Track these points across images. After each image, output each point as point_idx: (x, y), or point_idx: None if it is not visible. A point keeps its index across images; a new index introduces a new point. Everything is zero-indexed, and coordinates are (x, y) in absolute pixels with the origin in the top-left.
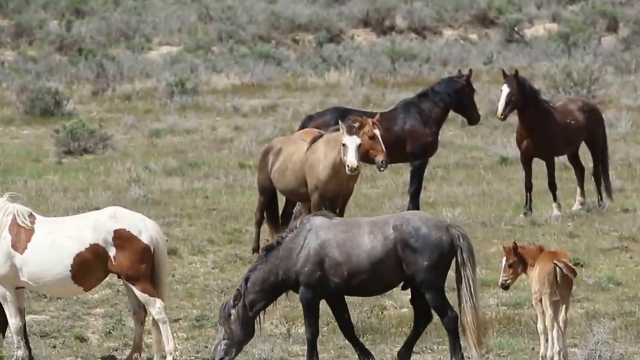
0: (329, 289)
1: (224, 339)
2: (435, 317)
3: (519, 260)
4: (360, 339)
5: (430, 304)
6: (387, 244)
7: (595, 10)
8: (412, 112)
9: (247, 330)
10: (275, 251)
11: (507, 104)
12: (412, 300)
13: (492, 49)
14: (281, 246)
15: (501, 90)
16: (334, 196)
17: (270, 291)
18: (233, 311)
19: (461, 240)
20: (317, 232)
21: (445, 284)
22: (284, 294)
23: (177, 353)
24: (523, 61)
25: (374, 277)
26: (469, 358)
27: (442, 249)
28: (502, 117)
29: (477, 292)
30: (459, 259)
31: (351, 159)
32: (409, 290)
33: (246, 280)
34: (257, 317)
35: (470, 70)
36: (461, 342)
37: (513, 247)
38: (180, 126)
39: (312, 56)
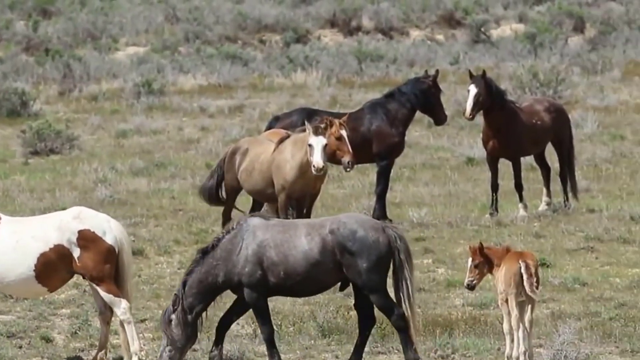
0: (269, 288)
1: (167, 345)
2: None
3: (484, 261)
4: (326, 339)
5: (375, 305)
6: (324, 246)
7: (561, 10)
8: (378, 112)
9: (189, 334)
10: (212, 253)
11: (474, 104)
12: (355, 305)
13: (459, 49)
14: (218, 248)
15: (468, 91)
16: (301, 196)
17: (208, 293)
18: (173, 316)
19: (398, 241)
20: (254, 233)
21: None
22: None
23: (142, 353)
24: (489, 62)
25: (310, 278)
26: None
27: (379, 250)
28: (470, 117)
29: (415, 293)
30: (396, 260)
31: (317, 159)
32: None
33: (184, 284)
34: (199, 320)
35: (437, 71)
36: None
37: (479, 247)
38: (147, 127)
39: (278, 57)
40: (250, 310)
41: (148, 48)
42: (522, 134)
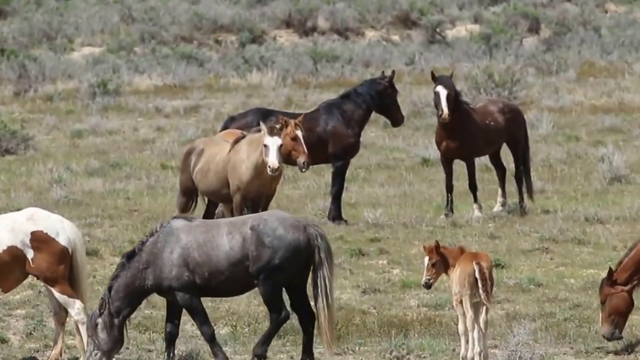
0: (198, 289)
1: (93, 349)
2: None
3: (441, 260)
4: (281, 340)
5: (264, 300)
6: (244, 244)
7: (516, 11)
8: (334, 113)
9: (115, 338)
10: (138, 257)
11: (449, 104)
12: (291, 305)
13: (414, 50)
14: (143, 252)
15: (438, 92)
16: (257, 197)
17: (135, 297)
18: (99, 320)
19: (319, 239)
20: (178, 235)
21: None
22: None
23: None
24: (445, 62)
25: (233, 278)
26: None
27: (298, 248)
28: (449, 119)
29: (333, 292)
30: (315, 259)
31: (272, 160)
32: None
33: (109, 288)
34: (125, 325)
35: (393, 72)
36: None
37: (435, 246)
38: (102, 127)
39: (234, 57)
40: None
41: (104, 48)
42: (476, 134)
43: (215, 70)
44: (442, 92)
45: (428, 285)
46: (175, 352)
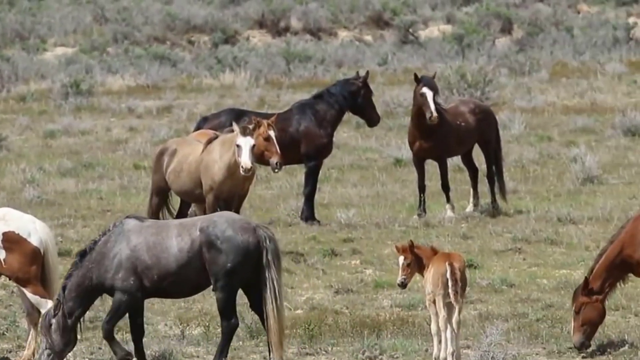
0: (143, 292)
1: (46, 349)
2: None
3: (415, 259)
4: (254, 341)
5: (218, 305)
6: (194, 246)
7: (489, 11)
8: (307, 113)
9: (67, 338)
10: (89, 256)
11: (435, 105)
12: (251, 306)
13: (387, 50)
14: (94, 250)
15: (424, 94)
16: (229, 197)
17: (86, 296)
18: (53, 320)
19: (267, 242)
20: (128, 236)
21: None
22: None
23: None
24: (417, 62)
25: (183, 280)
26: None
27: (247, 250)
28: (437, 119)
29: (282, 294)
30: (264, 261)
31: (245, 160)
32: (304, 291)
33: (63, 288)
34: (78, 325)
35: (367, 72)
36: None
37: (409, 246)
38: (75, 127)
39: (207, 57)
40: (179, 311)
41: (76, 49)
42: (448, 135)
43: (188, 70)
44: (429, 93)
45: (403, 285)
46: (148, 352)
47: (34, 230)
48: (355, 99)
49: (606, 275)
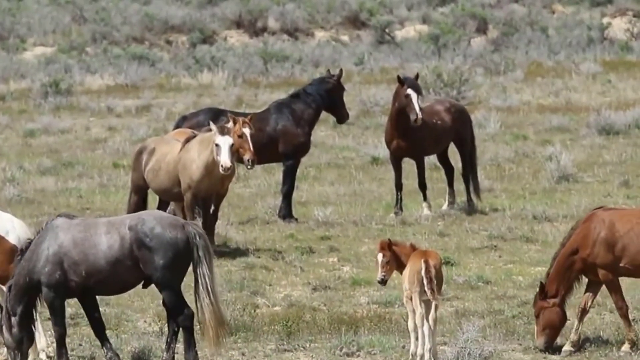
0: (70, 288)
1: (7, 347)
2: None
3: (394, 257)
4: (233, 337)
5: (165, 302)
6: (123, 244)
7: (465, 12)
8: (284, 112)
9: (19, 335)
10: (25, 254)
11: (420, 106)
12: (163, 303)
13: (364, 50)
14: (29, 249)
15: (409, 95)
16: (207, 195)
17: (25, 294)
18: (3, 321)
19: (197, 238)
20: (57, 233)
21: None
22: None
23: (49, 350)
24: (394, 62)
25: (112, 277)
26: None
27: (177, 247)
28: (421, 120)
29: (216, 289)
30: (194, 257)
31: (225, 159)
32: (282, 288)
33: (9, 287)
34: (29, 321)
35: (341, 70)
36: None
37: (387, 243)
38: (55, 126)
39: (185, 57)
40: (157, 308)
41: (55, 48)
42: (424, 134)
43: (166, 70)
44: (414, 95)
45: (383, 282)
46: (128, 348)
47: (12, 228)
48: (331, 97)
49: (560, 279)
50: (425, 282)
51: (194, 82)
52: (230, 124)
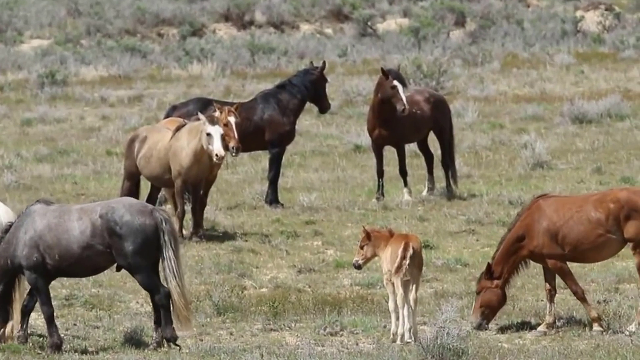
0: (47, 271)
1: None
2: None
3: (373, 243)
4: (221, 317)
5: (140, 284)
6: (94, 230)
7: (443, 5)
8: (270, 102)
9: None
10: (6, 237)
11: (406, 97)
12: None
13: (347, 42)
14: (9, 232)
15: (396, 87)
16: (196, 181)
17: (5, 276)
18: None
19: (164, 224)
20: (34, 218)
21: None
22: None
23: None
24: (376, 54)
25: (83, 260)
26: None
27: (145, 233)
28: (408, 110)
29: (182, 271)
30: (161, 242)
31: (218, 148)
32: (268, 270)
33: None
34: (9, 302)
35: (324, 62)
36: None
37: (366, 232)
38: (51, 115)
39: (175, 49)
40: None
41: (51, 41)
42: (405, 122)
43: (157, 61)
44: (400, 86)
45: (358, 267)
46: (120, 328)
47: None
48: (315, 88)
49: (505, 262)
50: (397, 259)
51: (184, 73)
52: (217, 113)
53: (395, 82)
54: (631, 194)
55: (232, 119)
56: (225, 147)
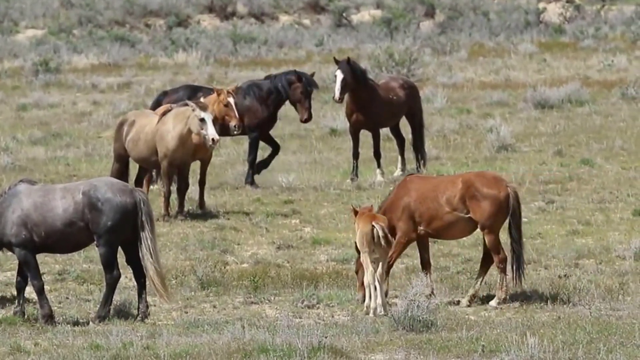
0: (35, 247)
1: None
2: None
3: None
4: (205, 291)
5: (101, 260)
6: (77, 207)
7: None
8: (253, 91)
9: None
10: None
11: (342, 88)
12: (127, 261)
13: (323, 32)
14: None
15: (335, 76)
16: (182, 163)
17: None
18: None
19: (142, 204)
20: (20, 198)
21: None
22: None
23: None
24: (350, 44)
25: (66, 237)
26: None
27: (125, 210)
28: (339, 100)
29: (157, 249)
30: (138, 222)
31: (212, 132)
32: (249, 247)
33: None
34: None
35: (313, 74)
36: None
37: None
38: (45, 101)
39: (162, 39)
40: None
41: (45, 31)
42: (381, 108)
43: (145, 50)
44: (338, 76)
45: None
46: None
47: None
48: (295, 95)
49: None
50: (378, 229)
51: (170, 61)
52: (204, 100)
53: (336, 72)
54: (475, 176)
55: (231, 100)
56: (225, 127)
